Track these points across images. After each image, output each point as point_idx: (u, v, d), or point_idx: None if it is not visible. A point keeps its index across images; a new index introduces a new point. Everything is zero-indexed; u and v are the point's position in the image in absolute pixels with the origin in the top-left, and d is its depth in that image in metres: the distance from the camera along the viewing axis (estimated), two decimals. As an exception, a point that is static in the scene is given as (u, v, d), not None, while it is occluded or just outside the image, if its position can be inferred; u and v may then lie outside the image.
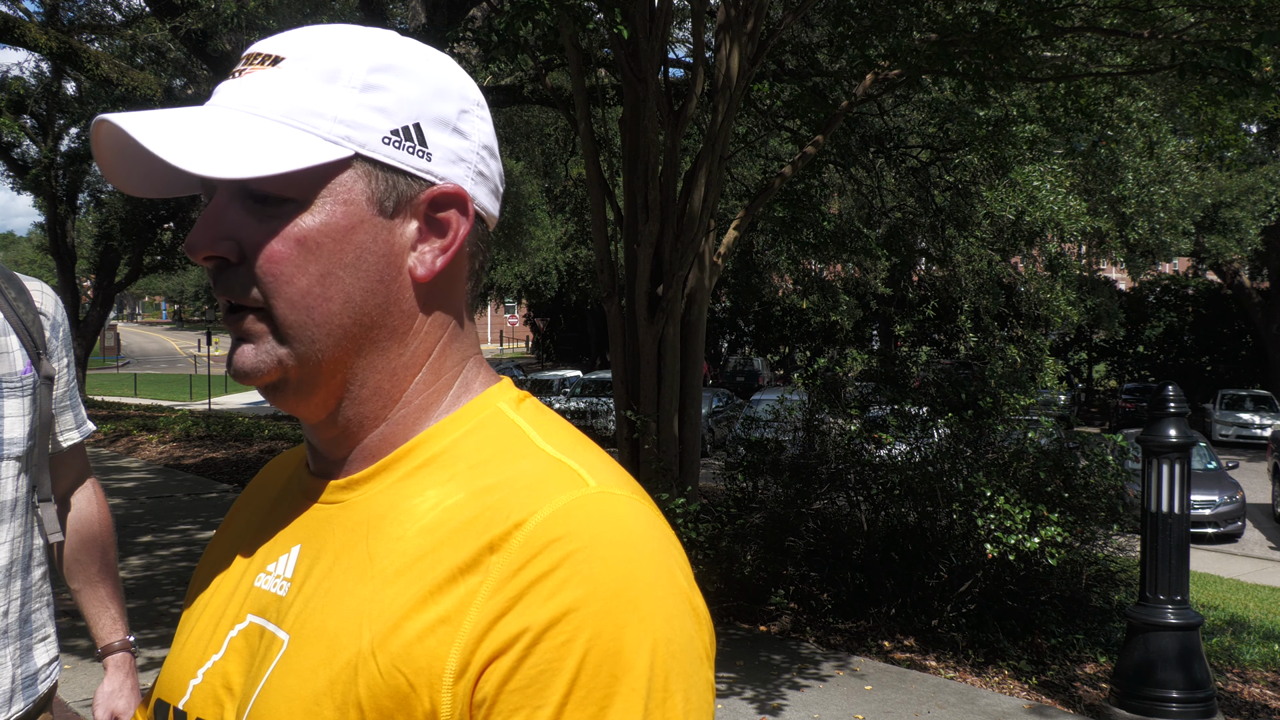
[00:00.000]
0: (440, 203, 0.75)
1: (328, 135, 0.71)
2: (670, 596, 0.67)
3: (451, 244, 0.75)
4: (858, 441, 7.38)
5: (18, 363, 1.78)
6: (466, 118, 0.77)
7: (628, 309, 8.08)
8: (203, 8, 10.27)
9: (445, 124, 0.75)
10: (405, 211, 0.74)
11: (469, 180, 0.76)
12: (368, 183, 0.73)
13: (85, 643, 5.88)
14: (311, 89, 0.72)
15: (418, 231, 0.75)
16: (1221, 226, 25.03)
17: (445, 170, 0.75)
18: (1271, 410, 24.12)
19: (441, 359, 0.77)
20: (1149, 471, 5.19)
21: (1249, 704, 5.90)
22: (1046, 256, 15.37)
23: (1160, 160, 13.48)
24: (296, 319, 0.72)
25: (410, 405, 0.76)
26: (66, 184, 22.03)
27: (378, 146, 0.73)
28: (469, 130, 0.77)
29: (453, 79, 0.77)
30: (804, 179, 9.84)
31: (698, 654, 0.68)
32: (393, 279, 0.74)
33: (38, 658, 1.83)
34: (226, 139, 0.70)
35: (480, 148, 0.78)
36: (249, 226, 0.72)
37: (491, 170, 0.79)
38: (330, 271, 0.72)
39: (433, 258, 0.75)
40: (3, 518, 1.75)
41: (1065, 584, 6.85)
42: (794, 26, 9.18)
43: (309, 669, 0.70)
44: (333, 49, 0.74)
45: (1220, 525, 14.14)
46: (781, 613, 7.17)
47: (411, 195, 0.74)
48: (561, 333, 41.54)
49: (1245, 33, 6.93)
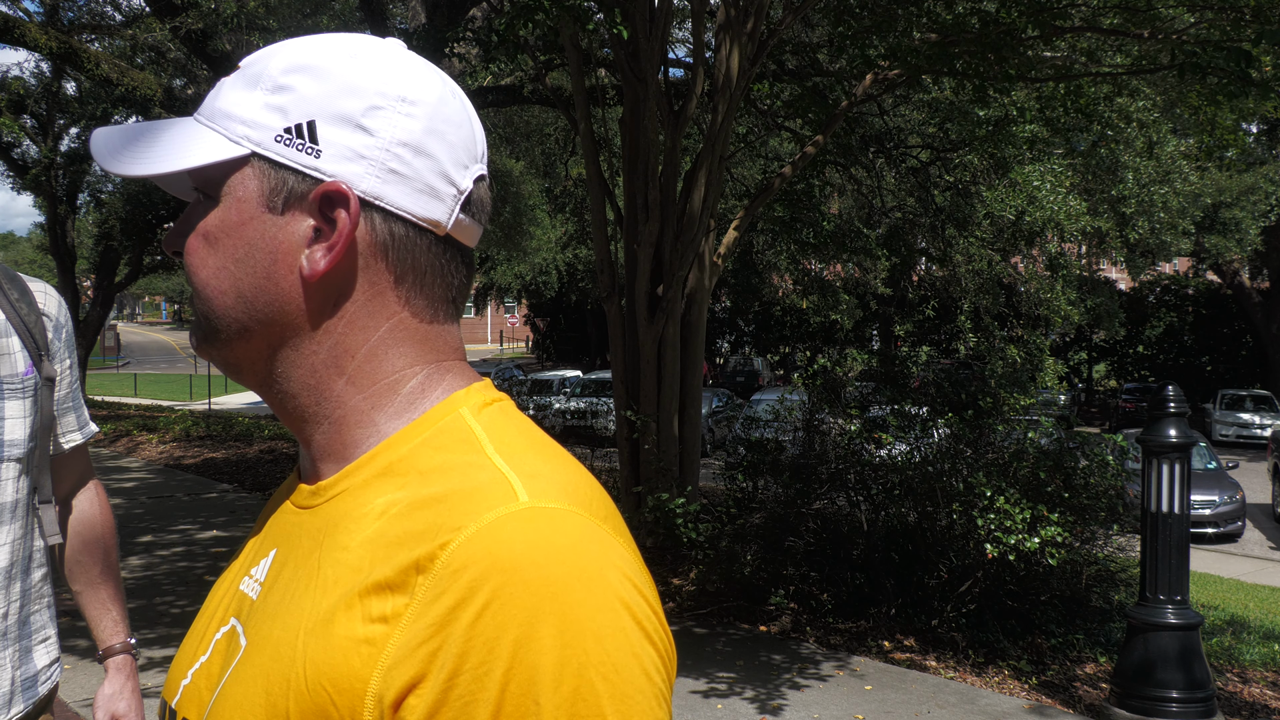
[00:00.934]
0: (331, 200, 0.74)
1: (232, 135, 0.75)
2: (601, 614, 0.64)
3: (336, 242, 0.73)
4: (858, 441, 7.38)
5: (19, 364, 1.77)
6: (377, 114, 0.74)
7: (628, 309, 8.08)
8: (203, 8, 10.27)
9: (345, 121, 0.74)
10: (296, 209, 0.75)
11: (371, 178, 0.74)
12: (260, 181, 0.75)
13: (85, 642, 5.88)
14: (235, 94, 0.76)
15: (313, 231, 0.75)
16: (1221, 226, 25.04)
17: (335, 168, 0.74)
18: (1271, 410, 24.12)
19: (374, 360, 0.76)
20: (1149, 471, 5.19)
21: (1249, 704, 5.90)
22: (1046, 256, 15.38)
23: (1160, 160, 13.48)
24: (203, 308, 0.78)
25: (345, 405, 0.76)
26: (66, 184, 22.02)
27: (269, 144, 0.74)
28: (377, 127, 0.74)
29: (374, 76, 0.75)
30: (804, 179, 9.84)
31: (639, 673, 0.64)
32: (282, 276, 0.75)
33: (38, 660, 1.83)
34: (154, 143, 0.77)
35: (394, 144, 0.74)
36: (191, 224, 0.79)
37: (415, 169, 0.75)
38: (224, 265, 0.76)
39: (320, 256, 0.74)
40: (2, 520, 1.74)
41: (1065, 584, 6.85)
42: (794, 26, 9.18)
43: (250, 677, 0.70)
44: (267, 56, 0.77)
45: (1220, 525, 14.14)
46: (781, 613, 7.17)
47: (302, 193, 0.74)
48: (561, 333, 41.54)
49: (1245, 33, 6.93)
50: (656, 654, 0.66)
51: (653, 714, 0.64)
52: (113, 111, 19.45)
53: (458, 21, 8.80)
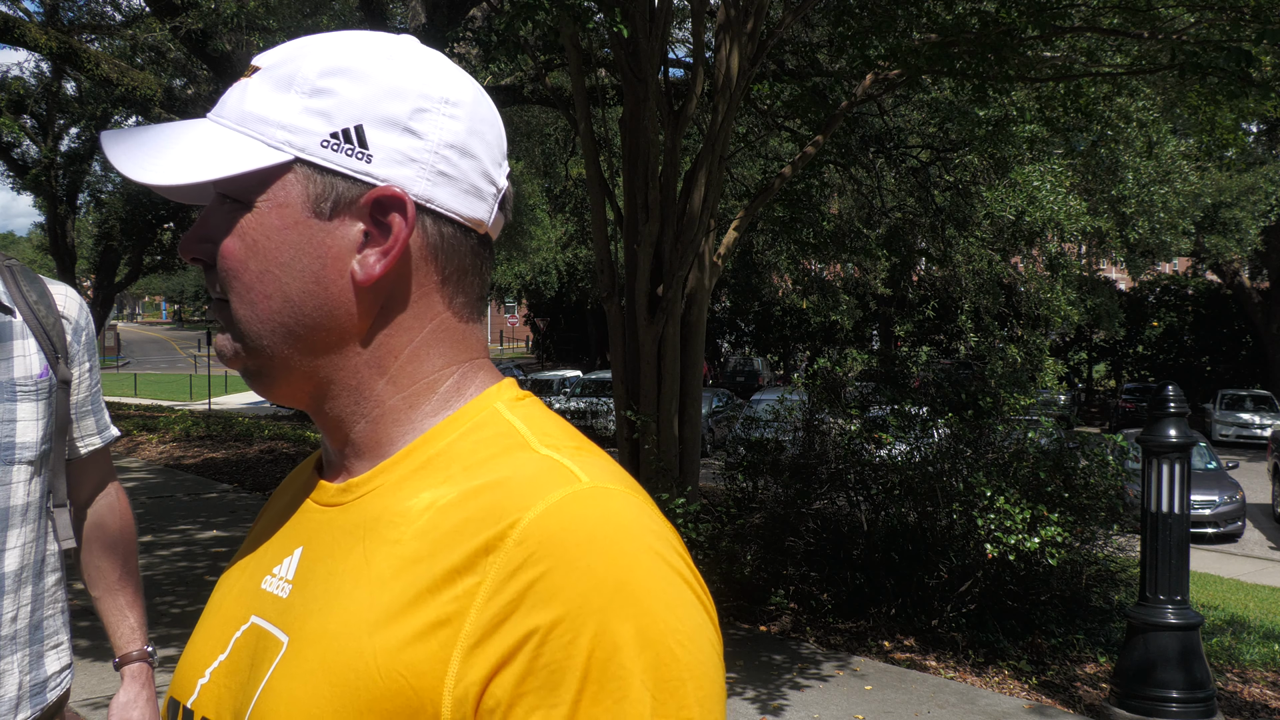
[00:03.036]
0: (384, 205, 0.74)
1: (270, 141, 0.74)
2: (671, 587, 0.67)
3: (392, 247, 0.74)
4: (858, 441, 7.38)
5: (34, 366, 1.76)
6: (424, 117, 0.75)
7: (628, 309, 8.08)
8: (203, 8, 10.27)
9: (393, 124, 0.74)
10: (346, 214, 0.74)
11: (422, 181, 0.75)
12: (305, 186, 0.74)
13: (85, 642, 5.88)
14: (266, 97, 0.75)
15: (363, 235, 0.75)
16: (1221, 226, 25.03)
17: (388, 172, 0.74)
18: (1271, 410, 24.12)
19: (415, 361, 0.77)
20: (1149, 471, 5.19)
21: (1249, 704, 5.90)
22: (1046, 256, 15.37)
23: (1160, 160, 13.48)
24: (244, 314, 0.76)
25: (384, 405, 0.77)
26: (66, 184, 22.03)
27: (315, 150, 0.74)
28: (425, 130, 0.75)
29: (415, 78, 0.76)
30: (804, 179, 9.84)
31: (706, 642, 0.68)
32: (332, 281, 0.74)
33: (48, 665, 1.80)
34: (179, 148, 0.75)
35: (442, 146, 0.75)
36: (220, 229, 0.76)
37: (462, 170, 0.76)
38: (268, 270, 0.74)
39: (374, 261, 0.74)
40: (13, 522, 1.72)
41: (1065, 584, 6.86)
42: (794, 26, 9.18)
43: (308, 671, 0.70)
44: (297, 57, 0.76)
45: (1220, 525, 14.14)
46: (781, 613, 7.17)
47: (352, 198, 0.74)
48: (561, 333, 41.54)
49: (1245, 33, 6.93)
50: (713, 627, 0.70)
51: (716, 684, 0.68)
52: (113, 111, 19.45)
53: (458, 21, 8.80)
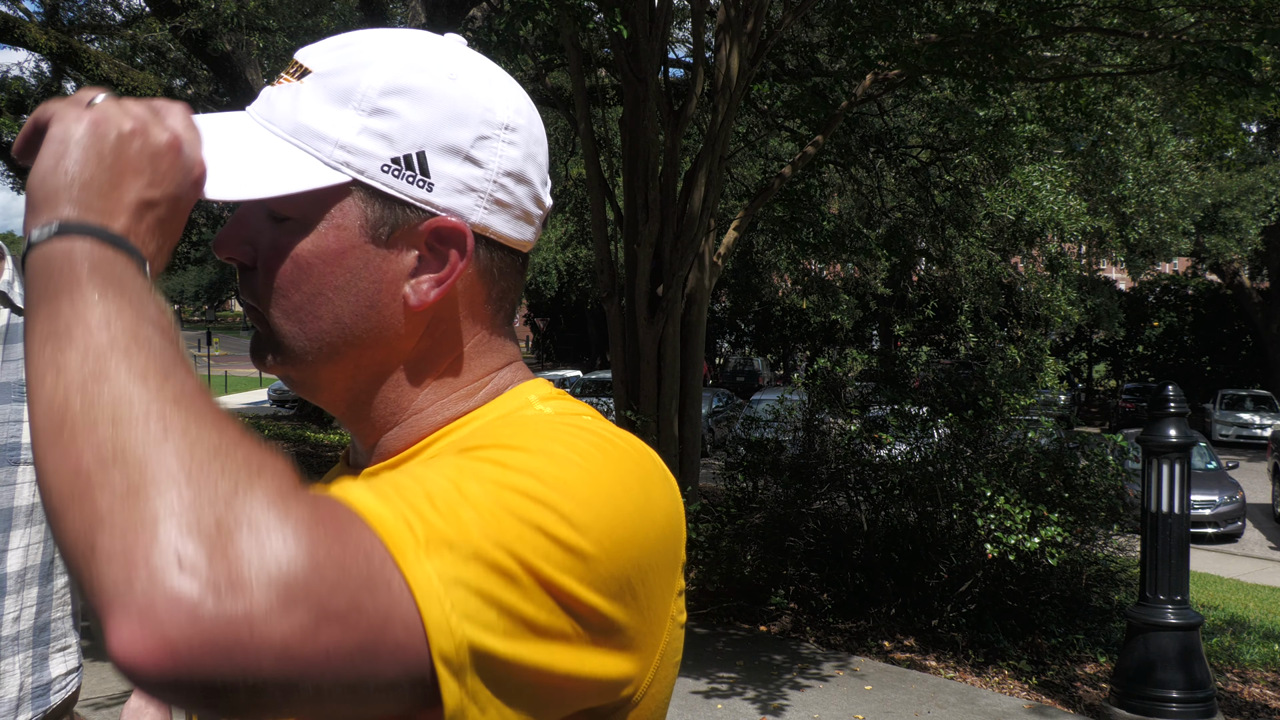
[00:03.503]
0: (441, 234, 0.74)
1: (328, 159, 0.72)
2: (612, 475, 0.67)
3: (448, 277, 0.74)
4: (858, 441, 7.38)
5: None
6: (485, 145, 0.74)
7: (628, 309, 8.08)
8: (203, 8, 10.26)
9: (456, 153, 0.73)
10: (403, 240, 0.73)
11: (480, 210, 0.75)
12: (364, 210, 0.73)
13: (85, 642, 5.87)
14: (322, 109, 0.72)
15: (417, 260, 0.74)
16: (1221, 226, 25.03)
17: (448, 201, 0.73)
18: (1271, 410, 24.10)
19: (457, 372, 0.78)
20: (1149, 471, 5.19)
21: (1249, 704, 5.90)
22: (1046, 256, 15.37)
23: (1160, 160, 13.48)
24: (289, 329, 0.75)
25: (423, 412, 0.78)
26: (66, 184, 22.02)
27: (376, 174, 0.72)
28: (486, 158, 0.74)
29: (478, 102, 0.75)
30: (804, 179, 9.84)
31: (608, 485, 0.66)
32: (385, 305, 0.74)
33: (53, 668, 1.79)
34: (231, 157, 0.72)
35: (500, 174, 0.75)
36: (264, 236, 0.75)
37: (517, 196, 0.77)
38: (320, 292, 0.73)
39: (428, 289, 0.74)
40: (17, 523, 1.71)
41: (1065, 584, 6.86)
42: (794, 26, 9.18)
43: None
44: (353, 66, 0.73)
45: (1220, 525, 14.13)
46: (781, 613, 7.17)
47: (411, 225, 0.73)
48: (561, 333, 41.54)
49: (1245, 33, 6.93)
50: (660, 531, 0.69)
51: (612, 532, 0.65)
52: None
53: (458, 21, 8.80)
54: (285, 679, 0.51)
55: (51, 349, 0.56)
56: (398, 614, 0.55)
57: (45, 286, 0.59)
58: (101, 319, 0.57)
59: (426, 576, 0.57)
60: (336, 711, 0.56)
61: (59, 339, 0.57)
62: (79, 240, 0.60)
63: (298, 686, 0.52)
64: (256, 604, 0.50)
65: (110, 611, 0.49)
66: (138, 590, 0.49)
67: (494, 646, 0.59)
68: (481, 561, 0.59)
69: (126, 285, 0.59)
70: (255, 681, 0.50)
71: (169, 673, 0.49)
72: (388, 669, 0.55)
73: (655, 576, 0.68)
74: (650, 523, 0.68)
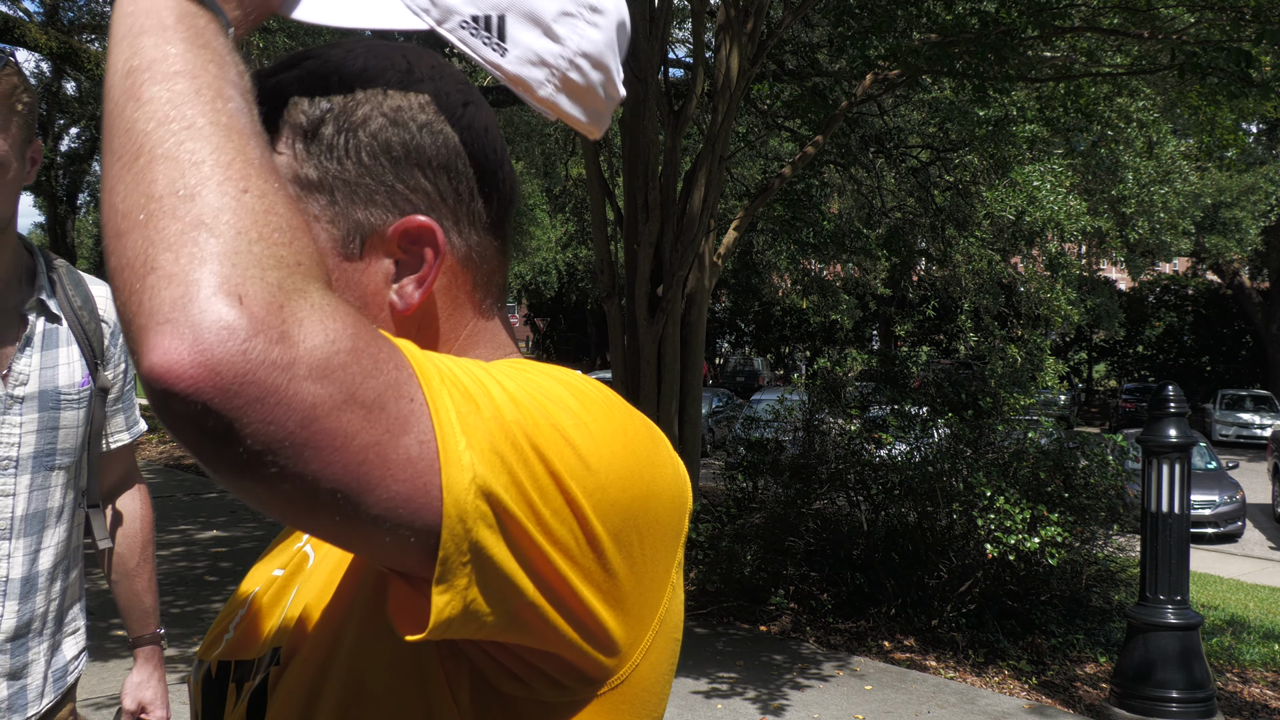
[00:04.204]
0: (411, 236, 0.73)
1: (413, 5, 0.74)
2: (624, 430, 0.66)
3: (428, 275, 0.74)
4: (858, 441, 7.38)
5: (77, 374, 1.80)
6: (567, 21, 0.75)
7: (628, 309, 8.08)
8: (203, 8, 10.23)
9: (536, 23, 0.74)
10: (375, 250, 0.73)
11: (549, 86, 0.75)
12: (330, 230, 0.73)
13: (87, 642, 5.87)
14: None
15: (394, 265, 0.74)
16: (1221, 226, 25.04)
17: (518, 70, 0.74)
18: (1271, 410, 24.10)
19: None
20: (1149, 471, 5.19)
21: (1249, 704, 5.90)
22: (1046, 256, 15.37)
23: (1160, 160, 13.48)
24: None
25: None
26: (66, 184, 22.03)
27: (455, 28, 0.74)
28: (566, 34, 0.75)
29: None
30: (804, 179, 9.85)
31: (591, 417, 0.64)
32: (375, 316, 0.74)
33: (66, 651, 1.88)
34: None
35: (578, 54, 0.76)
36: None
37: (591, 80, 0.77)
38: None
39: (412, 290, 0.74)
40: (50, 523, 1.79)
41: (1065, 584, 6.86)
42: (794, 26, 9.18)
43: (331, 567, 0.77)
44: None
45: (1220, 525, 14.12)
46: (782, 613, 7.17)
47: (378, 232, 0.73)
48: (561, 333, 41.55)
49: (1245, 33, 6.93)
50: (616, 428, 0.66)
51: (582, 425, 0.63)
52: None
53: (458, 21, 8.79)
54: (299, 445, 0.51)
55: (133, 82, 0.56)
56: (415, 426, 0.55)
57: (130, 24, 0.59)
58: (186, 65, 0.57)
59: (447, 409, 0.57)
60: (328, 517, 0.55)
61: (141, 73, 0.57)
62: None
63: (307, 461, 0.52)
64: (300, 361, 0.51)
65: (158, 326, 0.50)
66: (194, 311, 0.50)
67: (507, 501, 0.58)
68: (502, 427, 0.59)
69: (210, 40, 0.59)
70: (273, 437, 0.51)
71: (204, 395, 0.49)
72: (393, 485, 0.55)
73: (659, 530, 0.68)
74: (659, 471, 0.68)
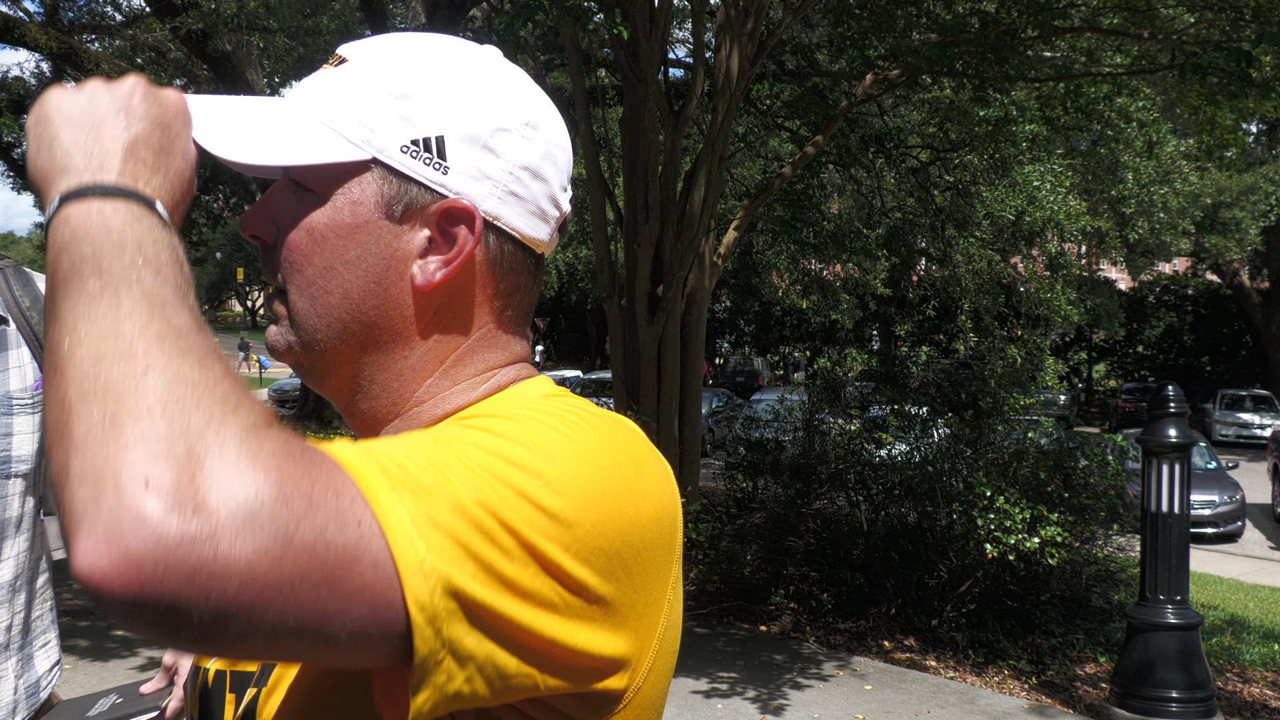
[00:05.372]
0: (453, 216, 0.75)
1: (350, 136, 0.74)
2: (569, 453, 0.65)
3: (455, 259, 0.75)
4: (858, 441, 7.38)
5: (29, 376, 1.75)
6: (504, 136, 0.76)
7: (628, 309, 8.08)
8: (203, 8, 10.27)
9: (474, 140, 0.75)
10: (415, 220, 0.75)
11: (493, 199, 0.76)
12: (380, 187, 0.74)
13: (86, 642, 5.88)
14: (350, 91, 0.76)
15: (427, 241, 0.75)
16: (1221, 226, 25.02)
17: (462, 185, 0.75)
18: (1271, 410, 24.09)
19: (459, 366, 0.78)
20: (1149, 471, 5.19)
21: (1249, 704, 5.90)
22: (1046, 256, 15.37)
23: (1160, 160, 13.47)
24: (303, 307, 0.76)
25: (423, 404, 0.78)
26: (66, 184, 22.00)
27: (394, 154, 0.74)
28: (504, 149, 0.76)
29: (500, 97, 0.77)
30: (804, 179, 9.84)
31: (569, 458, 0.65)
32: (392, 283, 0.75)
33: (39, 665, 1.83)
34: (259, 132, 0.75)
35: (517, 167, 0.77)
36: (288, 214, 0.77)
37: (532, 192, 0.78)
38: (331, 265, 0.75)
39: (434, 269, 0.75)
40: (8, 534, 1.74)
41: (1065, 584, 6.85)
42: (794, 27, 9.18)
43: None
44: (388, 57, 0.77)
45: (1220, 525, 14.11)
46: (782, 613, 7.17)
47: (423, 205, 0.75)
48: (561, 333, 41.55)
49: (1245, 33, 6.93)
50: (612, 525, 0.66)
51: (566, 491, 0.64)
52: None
53: (457, 21, 8.80)
54: (248, 606, 0.51)
55: (56, 297, 0.59)
56: (366, 552, 0.55)
57: (51, 244, 0.61)
58: (94, 267, 0.58)
59: (399, 518, 0.57)
60: (302, 654, 0.55)
61: (60, 288, 0.59)
62: (73, 205, 0.61)
63: (260, 617, 0.52)
64: (222, 526, 0.51)
65: (78, 529, 0.50)
66: (105, 509, 0.50)
67: (474, 592, 0.58)
68: (461, 514, 0.59)
69: (118, 230, 0.60)
70: (218, 606, 0.51)
71: (133, 590, 0.49)
72: (355, 611, 0.55)
73: (648, 556, 0.68)
74: (642, 499, 0.68)
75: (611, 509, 0.65)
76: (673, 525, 0.72)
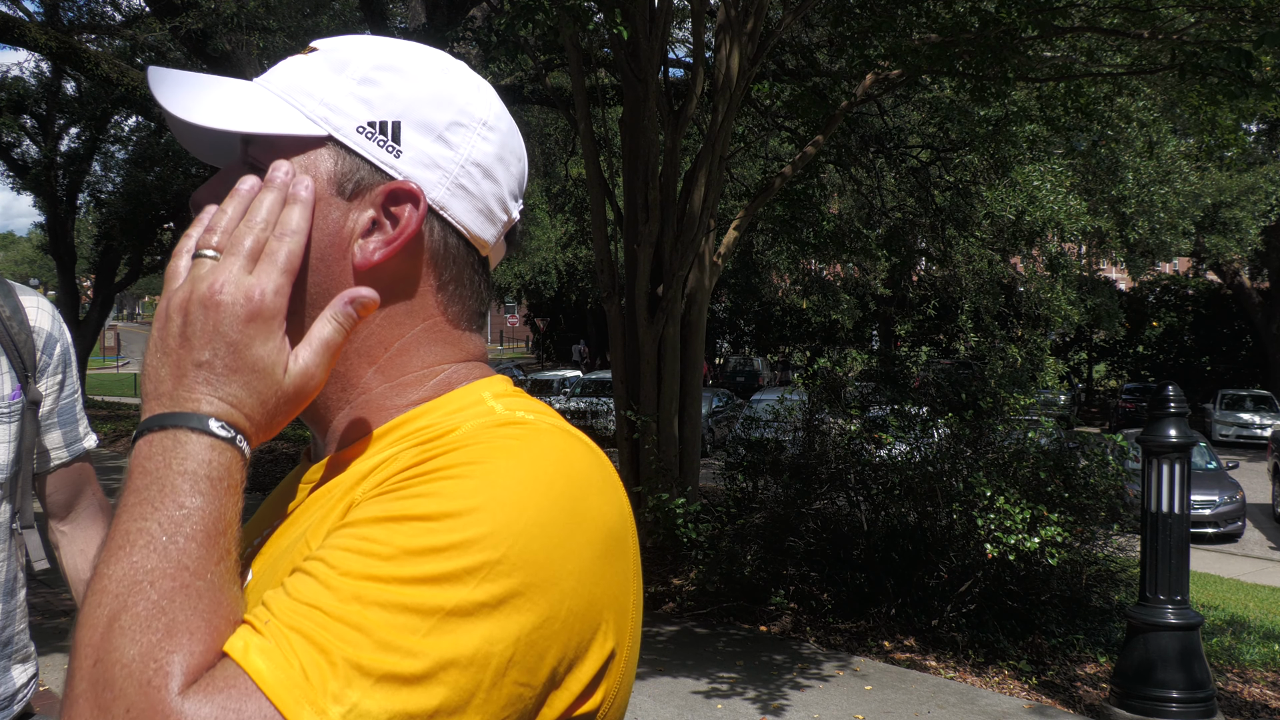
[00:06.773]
0: (397, 197, 0.76)
1: (309, 113, 0.76)
2: (539, 492, 0.66)
3: (395, 239, 0.75)
4: (858, 441, 7.38)
5: (5, 386, 1.70)
6: (459, 130, 0.78)
7: (628, 309, 8.08)
8: (203, 8, 10.27)
9: (429, 129, 0.77)
10: (362, 199, 0.76)
11: (441, 188, 0.77)
12: (334, 163, 0.76)
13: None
14: (316, 74, 0.78)
15: (371, 222, 0.76)
16: (1221, 226, 25.01)
17: (411, 170, 0.76)
18: (1271, 410, 24.08)
19: (405, 355, 0.78)
20: (1149, 471, 5.19)
21: (1249, 704, 5.90)
22: (1046, 256, 15.37)
23: (1160, 160, 13.48)
24: None
25: (370, 392, 0.78)
26: (66, 184, 22.01)
27: (350, 133, 0.76)
28: (457, 142, 0.78)
29: (462, 94, 0.79)
30: (804, 179, 9.84)
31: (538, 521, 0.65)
32: (334, 260, 0.76)
33: (16, 677, 1.80)
34: (221, 99, 0.77)
35: (468, 162, 0.78)
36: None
37: (482, 189, 0.79)
38: None
39: (374, 248, 0.75)
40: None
41: (1065, 584, 6.85)
42: (794, 26, 9.18)
43: (266, 571, 0.75)
44: (357, 47, 0.79)
45: (1220, 525, 14.12)
46: (782, 613, 7.17)
47: (372, 185, 0.76)
48: (561, 333, 41.53)
49: (1245, 33, 6.93)
50: (586, 558, 0.67)
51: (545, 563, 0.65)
52: (113, 112, 19.46)
53: (457, 21, 8.80)
54: None
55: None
56: None
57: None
58: (130, 516, 0.65)
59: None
60: None
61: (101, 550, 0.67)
62: (146, 437, 0.67)
63: None
64: None
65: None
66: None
67: None
68: (398, 681, 0.59)
69: (154, 472, 0.65)
70: None
71: None
72: None
73: (600, 591, 0.68)
74: (578, 550, 0.67)
75: (548, 578, 0.65)
76: (621, 546, 0.71)
